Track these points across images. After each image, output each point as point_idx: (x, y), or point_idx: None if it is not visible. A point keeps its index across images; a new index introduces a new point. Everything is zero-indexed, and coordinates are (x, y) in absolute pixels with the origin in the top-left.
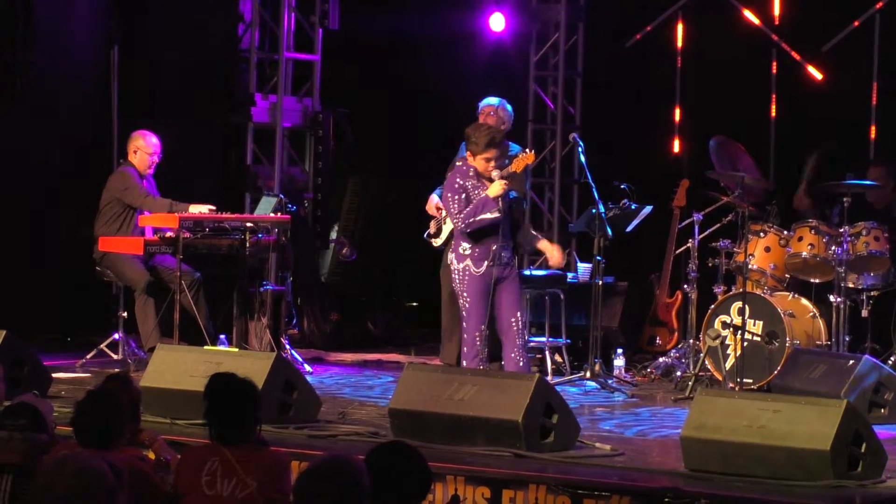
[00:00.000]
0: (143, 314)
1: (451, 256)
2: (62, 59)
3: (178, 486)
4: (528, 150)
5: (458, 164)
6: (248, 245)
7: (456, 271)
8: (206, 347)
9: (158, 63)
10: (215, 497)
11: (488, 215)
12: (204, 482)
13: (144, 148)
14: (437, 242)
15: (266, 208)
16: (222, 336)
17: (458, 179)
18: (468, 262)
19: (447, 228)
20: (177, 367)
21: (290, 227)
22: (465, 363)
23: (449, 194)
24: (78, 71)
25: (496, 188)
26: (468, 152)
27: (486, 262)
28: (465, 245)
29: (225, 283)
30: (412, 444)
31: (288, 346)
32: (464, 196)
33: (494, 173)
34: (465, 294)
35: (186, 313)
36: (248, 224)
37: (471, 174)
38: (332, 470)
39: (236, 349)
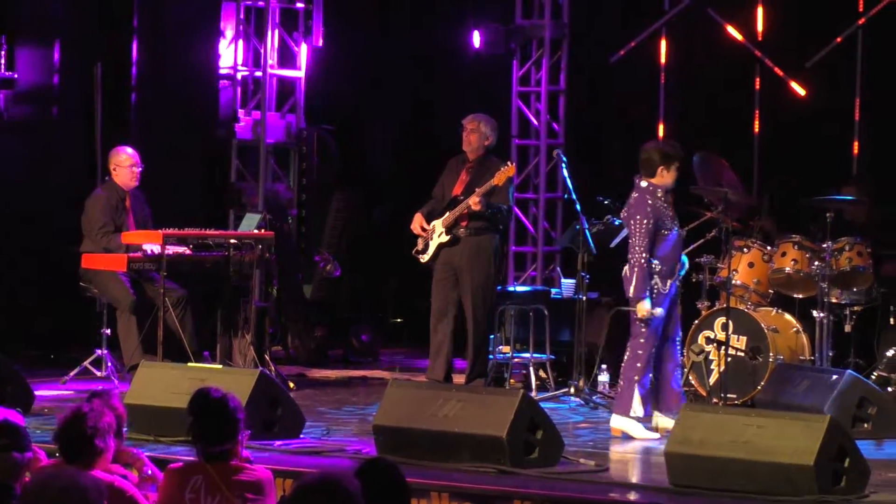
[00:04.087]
0: (126, 332)
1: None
2: (46, 76)
3: None
4: (509, 162)
5: (642, 185)
6: (231, 261)
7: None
8: (189, 364)
9: (141, 79)
10: None
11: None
12: (188, 499)
13: (122, 163)
14: (424, 258)
15: (250, 224)
16: (206, 353)
17: (648, 201)
18: (656, 279)
19: (434, 245)
20: (161, 384)
21: (275, 244)
22: (636, 377)
23: (639, 216)
24: (62, 87)
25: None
26: (660, 167)
27: (669, 280)
28: (654, 262)
29: (208, 300)
30: (391, 461)
31: (272, 363)
32: (652, 220)
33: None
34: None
35: (171, 330)
36: (232, 240)
37: (659, 194)
38: (328, 486)
39: (220, 366)
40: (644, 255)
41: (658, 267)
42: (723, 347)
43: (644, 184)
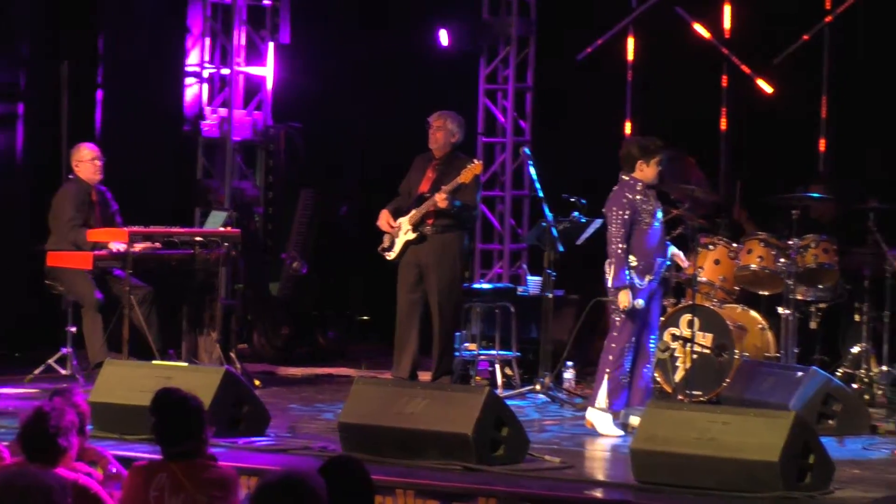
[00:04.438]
0: (92, 330)
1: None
2: (12, 73)
3: (124, 502)
4: (475, 160)
5: (623, 178)
6: (197, 259)
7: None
8: (154, 362)
9: (108, 77)
10: None
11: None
12: (152, 498)
13: (84, 157)
14: (390, 256)
15: (216, 222)
16: (171, 351)
17: (626, 194)
18: (632, 273)
19: (400, 242)
20: (126, 383)
21: (241, 241)
22: (607, 370)
23: (614, 208)
24: (28, 84)
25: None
26: (639, 162)
27: (647, 276)
28: (631, 258)
29: (174, 298)
30: (356, 458)
31: (238, 361)
32: (629, 212)
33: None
34: (618, 308)
35: (136, 328)
36: (198, 238)
37: (638, 188)
38: (292, 484)
39: (185, 364)
40: (621, 245)
41: (634, 262)
42: (688, 344)
43: (625, 177)
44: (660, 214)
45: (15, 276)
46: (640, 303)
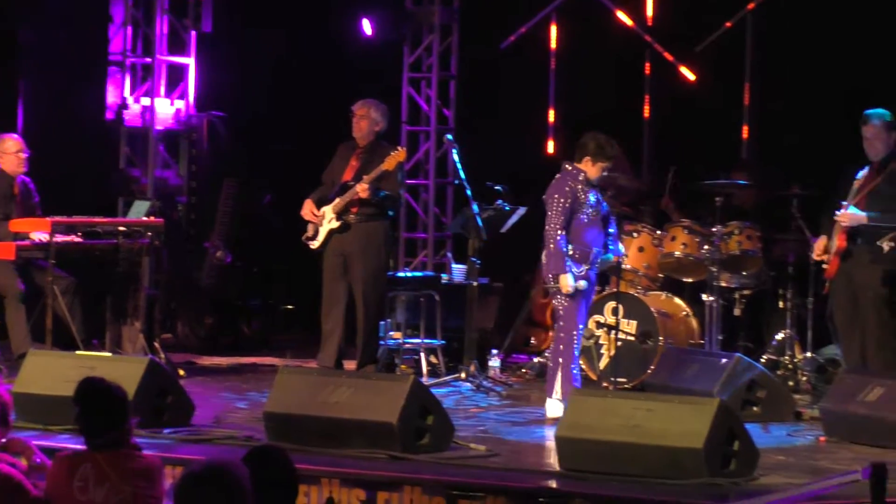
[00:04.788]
0: (15, 320)
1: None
2: None
3: (49, 493)
4: (399, 147)
5: (566, 167)
6: (121, 249)
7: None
8: (78, 352)
9: (28, 67)
10: (88, 503)
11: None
12: (76, 488)
13: (9, 149)
14: (314, 245)
15: (139, 212)
16: (95, 341)
17: (568, 183)
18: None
19: (324, 231)
20: (49, 373)
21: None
22: (560, 360)
23: (556, 195)
24: None
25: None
26: (587, 157)
27: (584, 265)
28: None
29: (98, 288)
30: (279, 447)
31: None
32: (570, 201)
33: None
34: (560, 295)
35: (59, 318)
36: (121, 228)
37: (580, 178)
38: (216, 473)
39: (109, 354)
40: (559, 231)
41: (570, 250)
42: (613, 332)
43: (569, 167)
44: (595, 203)
45: None
46: (582, 283)
